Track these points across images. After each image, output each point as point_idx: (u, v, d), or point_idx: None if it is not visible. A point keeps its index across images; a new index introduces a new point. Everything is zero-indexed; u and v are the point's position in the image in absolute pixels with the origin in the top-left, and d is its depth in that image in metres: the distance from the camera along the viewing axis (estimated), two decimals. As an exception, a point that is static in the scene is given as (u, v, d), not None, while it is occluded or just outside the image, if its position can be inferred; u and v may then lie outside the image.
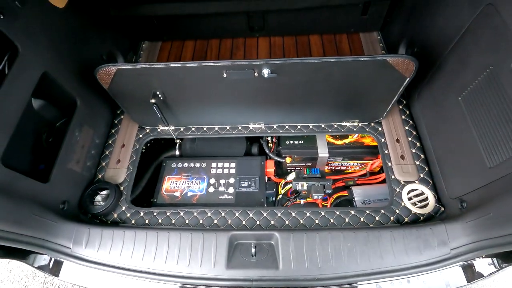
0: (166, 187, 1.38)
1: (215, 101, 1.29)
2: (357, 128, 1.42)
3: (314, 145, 1.47)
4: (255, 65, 1.05)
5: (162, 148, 1.63)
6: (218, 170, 1.42)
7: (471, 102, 1.01)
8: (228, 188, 1.36)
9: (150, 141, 1.63)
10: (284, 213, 1.21)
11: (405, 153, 1.32)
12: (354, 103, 1.29)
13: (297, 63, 1.04)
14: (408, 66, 1.05)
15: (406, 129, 1.39)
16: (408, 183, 1.25)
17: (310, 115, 1.39)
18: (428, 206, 1.19)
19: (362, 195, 1.45)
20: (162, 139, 1.64)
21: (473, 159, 1.01)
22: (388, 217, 1.18)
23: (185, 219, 1.23)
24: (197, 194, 1.35)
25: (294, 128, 1.44)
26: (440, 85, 1.19)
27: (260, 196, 1.33)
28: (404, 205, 1.20)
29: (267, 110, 1.35)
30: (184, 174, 1.42)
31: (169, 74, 1.12)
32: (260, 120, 1.43)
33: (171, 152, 1.61)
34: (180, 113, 1.37)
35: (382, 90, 1.19)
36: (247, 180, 1.37)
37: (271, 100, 1.28)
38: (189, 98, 1.26)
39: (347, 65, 1.05)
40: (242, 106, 1.33)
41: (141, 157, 1.52)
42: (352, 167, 1.56)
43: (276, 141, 1.56)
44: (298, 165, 1.55)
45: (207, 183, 1.38)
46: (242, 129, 1.46)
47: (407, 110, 1.45)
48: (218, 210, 1.24)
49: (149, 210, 1.26)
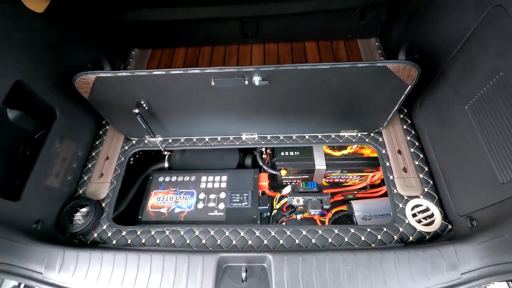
0: (152, 203, 1.29)
1: (204, 110, 1.21)
2: (356, 139, 1.34)
3: (310, 157, 1.39)
4: (245, 72, 0.98)
5: (151, 161, 1.54)
6: (208, 184, 1.33)
7: (479, 111, 0.93)
8: (218, 203, 1.27)
9: (139, 153, 1.55)
10: (278, 231, 1.12)
11: (407, 165, 1.23)
12: (353, 112, 1.21)
13: (290, 70, 0.97)
14: (410, 73, 0.98)
15: (408, 139, 1.31)
16: (411, 198, 1.16)
17: (306, 125, 1.31)
18: (434, 223, 1.09)
19: (363, 210, 1.36)
20: (152, 151, 1.56)
21: (483, 173, 0.92)
22: (391, 236, 1.08)
23: (171, 238, 1.13)
24: (185, 211, 1.26)
25: (289, 139, 1.36)
26: (444, 93, 1.11)
27: (253, 212, 1.23)
28: (408, 222, 1.11)
29: (260, 120, 1.27)
30: (172, 188, 1.33)
31: (153, 82, 1.04)
32: (253, 130, 1.35)
33: (160, 165, 1.53)
34: (168, 123, 1.29)
35: (382, 98, 1.12)
36: (239, 195, 1.28)
37: (264, 109, 1.20)
38: (176, 107, 1.18)
39: (344, 71, 0.98)
40: (234, 116, 1.25)
41: (128, 170, 1.43)
42: (352, 179, 1.47)
43: (270, 153, 1.47)
44: (294, 177, 1.47)
45: (196, 198, 1.29)
46: (234, 140, 1.37)
47: (409, 119, 1.37)
48: (207, 228, 1.14)
49: (132, 229, 1.16)
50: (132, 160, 1.52)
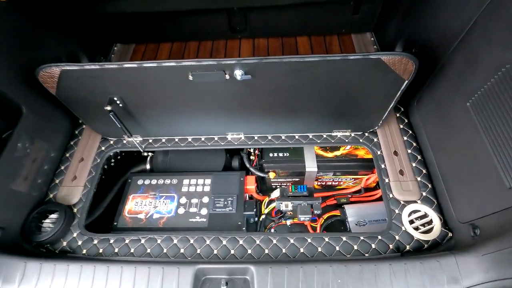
0: (129, 208, 1.19)
1: (185, 108, 1.11)
2: (349, 139, 1.25)
3: (301, 158, 1.30)
4: (225, 65, 0.89)
5: (132, 162, 1.45)
6: (191, 188, 1.24)
7: (483, 108, 0.84)
8: (200, 209, 1.17)
9: (121, 154, 1.46)
10: (263, 240, 1.03)
11: (404, 167, 1.15)
12: (345, 110, 1.12)
13: (275, 63, 0.87)
14: (406, 66, 0.89)
15: (405, 139, 1.22)
16: (408, 203, 1.07)
17: (295, 124, 1.22)
18: (433, 231, 1.01)
19: (357, 215, 1.27)
20: (135, 152, 1.46)
21: (487, 176, 0.83)
22: (386, 245, 0.99)
23: (147, 247, 1.03)
24: (164, 216, 1.16)
25: (277, 139, 1.27)
26: (443, 89, 1.03)
27: (237, 218, 1.14)
28: (404, 230, 1.02)
29: (246, 118, 1.18)
30: (151, 192, 1.23)
31: (126, 77, 0.94)
32: (239, 130, 1.26)
33: (141, 167, 1.43)
34: (146, 122, 1.19)
35: (377, 95, 1.03)
36: (223, 200, 1.18)
37: (250, 107, 1.11)
38: (154, 105, 1.09)
39: (334, 65, 0.89)
40: (217, 114, 1.15)
41: (109, 172, 1.34)
42: (345, 182, 1.38)
43: (259, 154, 1.38)
44: (284, 180, 1.37)
45: (177, 203, 1.19)
46: (219, 141, 1.28)
47: (406, 118, 1.28)
48: (186, 236, 1.05)
49: (105, 237, 1.06)
50: (114, 162, 1.43)
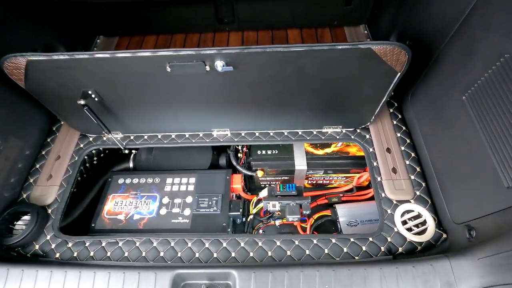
0: (108, 209, 1.13)
1: (165, 103, 1.05)
2: (340, 135, 1.19)
3: (290, 156, 1.24)
4: (205, 55, 0.82)
5: (114, 160, 1.38)
6: (174, 187, 1.17)
7: (480, 102, 0.79)
8: (183, 209, 1.11)
9: (105, 151, 1.39)
10: (248, 242, 0.97)
11: (397, 165, 1.09)
12: (336, 105, 1.06)
13: (258, 53, 0.81)
14: (398, 57, 0.83)
15: (398, 136, 1.16)
16: (401, 202, 1.02)
17: (284, 120, 1.16)
18: (427, 232, 0.95)
19: (348, 215, 1.21)
20: (120, 150, 1.40)
21: (484, 175, 0.78)
22: (377, 247, 0.94)
23: (124, 251, 0.97)
24: (145, 217, 1.10)
25: (265, 136, 1.21)
26: (438, 82, 0.97)
27: (222, 219, 1.08)
28: (397, 231, 0.97)
29: (232, 114, 1.12)
30: (132, 191, 1.17)
31: (99, 68, 0.88)
32: (224, 126, 1.19)
33: (124, 165, 1.37)
34: (126, 118, 1.13)
35: (368, 88, 0.97)
36: (208, 199, 1.12)
37: (235, 101, 1.04)
38: (132, 99, 1.02)
39: (322, 55, 0.83)
40: (201, 109, 1.09)
41: (89, 171, 1.28)
42: (336, 181, 1.33)
43: (247, 151, 1.32)
44: (272, 179, 1.32)
45: (159, 203, 1.13)
46: (204, 137, 1.22)
47: (399, 113, 1.23)
48: (167, 238, 0.99)
49: (80, 240, 1.00)
50: (96, 160, 1.36)
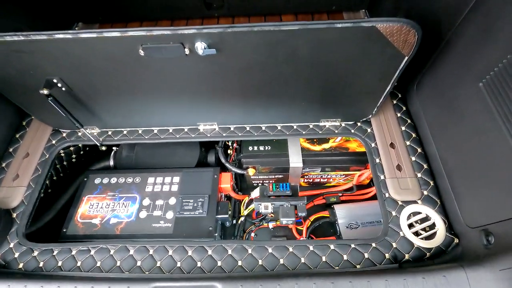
0: (82, 212, 1.02)
1: (143, 93, 0.93)
2: (339, 129, 1.09)
3: (284, 152, 1.13)
4: (183, 35, 0.71)
5: (95, 158, 1.27)
6: (156, 187, 1.06)
7: (500, 88, 0.68)
8: (166, 212, 1.00)
9: (84, 148, 1.28)
10: (237, 249, 0.86)
11: (402, 162, 0.99)
12: (334, 95, 0.95)
13: (244, 32, 0.70)
14: (407, 37, 0.72)
15: (402, 130, 1.06)
16: (407, 203, 0.91)
17: (277, 113, 1.05)
18: (437, 236, 0.85)
19: (348, 216, 1.11)
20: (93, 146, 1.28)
21: (505, 172, 0.68)
22: (381, 254, 0.84)
23: (96, 260, 0.86)
24: (123, 221, 0.99)
25: (257, 130, 1.10)
26: (449, 68, 0.86)
27: (209, 222, 0.97)
28: (403, 236, 0.86)
29: (219, 106, 1.01)
30: (109, 192, 1.06)
31: (62, 52, 0.76)
32: (212, 119, 1.08)
33: (104, 163, 1.25)
34: (101, 110, 1.01)
35: (371, 75, 0.86)
36: (193, 201, 1.01)
37: (221, 91, 0.93)
38: (105, 89, 0.91)
39: (318, 35, 0.71)
40: (184, 100, 0.98)
41: (67, 170, 1.17)
42: (335, 179, 1.22)
43: (237, 147, 1.21)
44: (265, 177, 1.21)
45: (139, 205, 1.02)
46: (189, 132, 1.11)
47: (403, 105, 1.12)
48: (145, 245, 0.88)
49: (47, 248, 0.89)
50: (75, 158, 1.25)
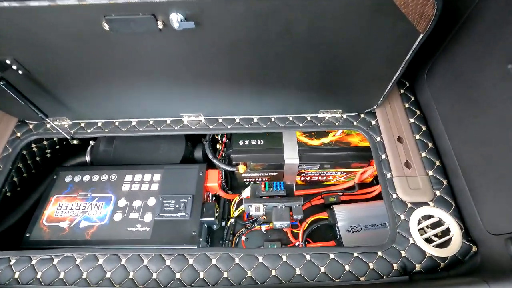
0: (49, 214, 0.90)
1: (115, 78, 0.81)
2: (340, 122, 0.97)
3: (279, 147, 1.02)
4: (155, 4, 0.58)
5: (69, 153, 1.15)
6: (134, 186, 0.95)
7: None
8: (144, 214, 0.89)
9: (61, 142, 1.16)
10: (222, 258, 0.75)
11: (411, 158, 0.88)
12: (334, 82, 0.83)
13: (228, 0, 0.58)
14: (424, 9, 0.60)
15: (411, 122, 0.94)
16: (418, 205, 0.80)
17: (270, 102, 0.93)
18: (452, 244, 0.74)
19: (349, 218, 1.00)
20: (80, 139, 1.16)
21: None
22: (388, 264, 0.73)
23: (60, 271, 0.75)
24: (94, 225, 0.87)
25: (248, 122, 0.98)
26: (469, 49, 0.75)
27: (192, 226, 0.86)
28: (413, 243, 0.75)
29: (205, 94, 0.88)
30: (81, 192, 0.94)
31: (11, 26, 0.63)
32: (197, 110, 0.96)
33: (80, 159, 1.13)
34: (69, 98, 0.89)
35: (378, 57, 0.74)
36: (175, 202, 0.90)
37: (205, 76, 0.81)
38: (69, 72, 0.78)
39: (316, 6, 0.59)
40: (163, 87, 0.85)
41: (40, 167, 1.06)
42: (335, 177, 1.11)
43: (227, 142, 1.09)
44: (258, 175, 1.09)
45: (114, 207, 0.90)
46: (172, 124, 0.98)
47: (412, 95, 1.01)
48: (117, 254, 0.76)
49: (4, 256, 0.77)
50: (50, 153, 1.13)
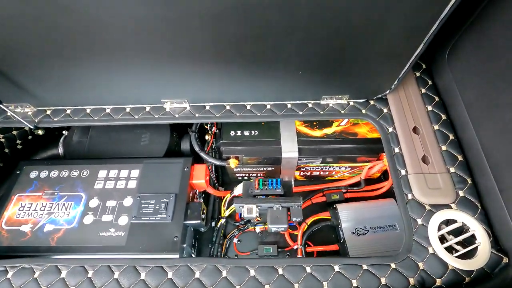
0: (10, 215, 0.78)
1: (79, 55, 0.67)
2: (346, 109, 0.84)
3: (275, 139, 0.89)
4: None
5: (41, 145, 1.03)
6: (108, 183, 0.82)
7: None
8: (118, 216, 0.77)
9: (32, 132, 1.04)
10: (207, 271, 0.63)
11: (429, 152, 0.75)
12: (341, 61, 0.70)
13: None
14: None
15: (429, 110, 0.82)
16: (438, 208, 0.68)
17: (266, 86, 0.80)
18: (478, 254, 0.63)
19: (354, 218, 0.89)
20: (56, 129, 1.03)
21: None
22: (404, 279, 0.61)
23: (14, 286, 0.63)
24: (61, 229, 0.75)
25: (240, 109, 0.85)
26: (505, 23, 0.61)
27: (173, 230, 0.74)
28: (433, 253, 0.64)
29: (189, 76, 0.75)
30: (47, 190, 0.82)
31: None
32: (181, 95, 0.83)
33: (52, 151, 1.01)
34: (28, 81, 0.75)
35: (396, 29, 0.61)
36: (154, 202, 0.78)
37: (187, 52, 0.67)
38: (22, 48, 0.64)
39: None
40: (139, 67, 0.72)
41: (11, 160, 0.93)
42: (338, 172, 0.99)
43: (216, 132, 0.97)
44: (252, 170, 0.97)
45: (84, 208, 0.78)
46: (152, 112, 0.85)
47: (429, 79, 0.87)
48: (83, 265, 0.65)
49: (-51, 268, 0.65)
50: (21, 144, 1.01)
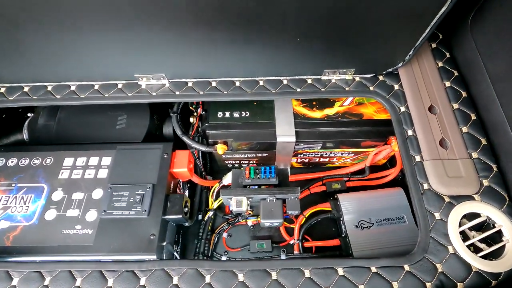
0: (-42, 210, 0.67)
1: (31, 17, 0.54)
2: (351, 86, 0.73)
3: (269, 121, 0.78)
4: None
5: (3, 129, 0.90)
6: (75, 173, 0.71)
7: None
8: (86, 211, 0.66)
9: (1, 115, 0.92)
10: (187, 276, 0.53)
11: (448, 135, 0.65)
12: (346, 28, 0.58)
13: None
14: None
15: (447, 86, 0.71)
16: (459, 200, 0.59)
17: (257, 58, 0.68)
18: (507, 253, 0.54)
19: (357, 210, 0.80)
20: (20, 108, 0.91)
21: None
22: (420, 283, 0.52)
23: (-45, 296, 0.53)
24: (18, 226, 0.64)
25: (228, 87, 0.73)
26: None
27: (150, 227, 0.64)
28: (453, 252, 0.54)
29: (167, 45, 0.62)
30: (3, 181, 0.70)
31: None
32: (158, 69, 0.70)
33: (16, 136, 0.89)
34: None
35: None
36: (128, 194, 0.67)
37: (163, 16, 0.55)
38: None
39: None
40: (106, 34, 0.59)
41: None
42: (340, 158, 0.89)
43: (202, 113, 0.85)
44: (242, 157, 0.86)
45: (46, 201, 0.67)
46: (124, 90, 0.73)
47: (446, 51, 0.76)
48: (40, 271, 0.54)
49: None
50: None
